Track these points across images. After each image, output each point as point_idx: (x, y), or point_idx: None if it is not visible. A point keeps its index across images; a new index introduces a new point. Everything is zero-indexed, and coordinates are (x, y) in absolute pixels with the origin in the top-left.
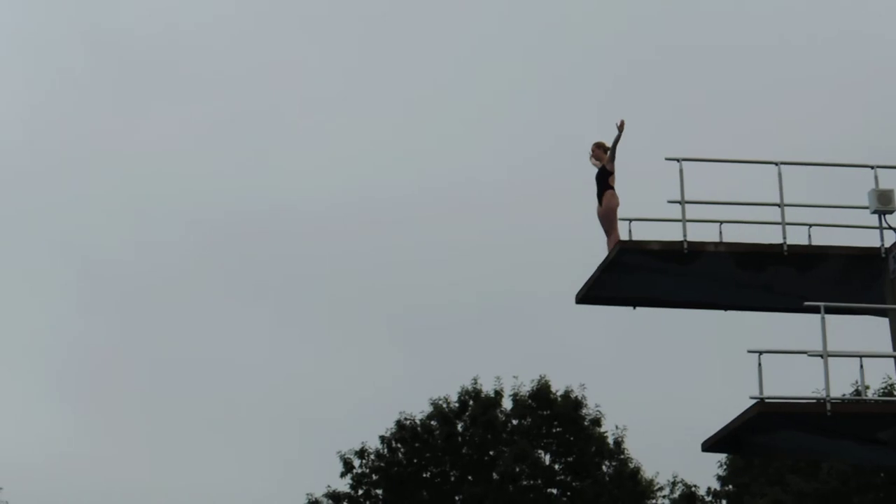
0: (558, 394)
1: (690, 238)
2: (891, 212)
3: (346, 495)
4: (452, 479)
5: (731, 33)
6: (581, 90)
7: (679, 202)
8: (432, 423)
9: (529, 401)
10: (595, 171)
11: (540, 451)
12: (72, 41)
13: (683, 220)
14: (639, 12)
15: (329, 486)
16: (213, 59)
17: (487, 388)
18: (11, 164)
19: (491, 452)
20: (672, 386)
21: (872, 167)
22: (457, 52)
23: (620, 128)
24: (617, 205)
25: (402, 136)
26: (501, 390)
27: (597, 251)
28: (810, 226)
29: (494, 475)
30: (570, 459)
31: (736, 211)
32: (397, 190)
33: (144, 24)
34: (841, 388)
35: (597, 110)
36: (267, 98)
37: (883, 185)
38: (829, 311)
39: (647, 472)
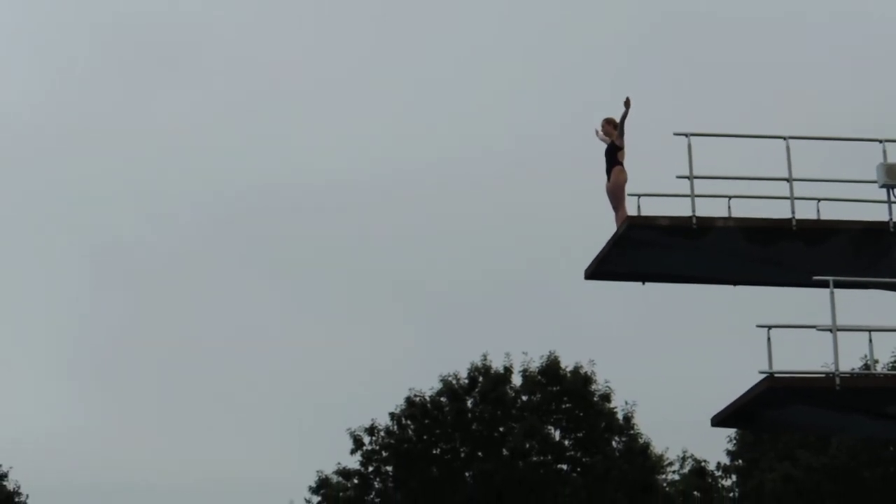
0: (568, 370)
1: (699, 213)
2: None
3: (357, 472)
4: (462, 455)
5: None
6: (586, 74)
7: (688, 177)
8: (442, 399)
9: (539, 377)
10: (604, 146)
11: (550, 427)
12: (83, 24)
13: (692, 196)
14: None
15: (339, 464)
16: (230, 38)
17: (497, 364)
18: (24, 142)
19: (501, 429)
20: (681, 361)
21: (881, 141)
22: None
23: (627, 104)
24: (625, 180)
25: (412, 116)
26: (511, 366)
27: (606, 227)
28: (819, 200)
29: (504, 451)
30: (579, 435)
31: (745, 186)
32: (408, 168)
33: (158, 5)
34: (850, 362)
35: (609, 87)
36: (277, 79)
37: (891, 160)
38: (838, 285)
39: (657, 448)
